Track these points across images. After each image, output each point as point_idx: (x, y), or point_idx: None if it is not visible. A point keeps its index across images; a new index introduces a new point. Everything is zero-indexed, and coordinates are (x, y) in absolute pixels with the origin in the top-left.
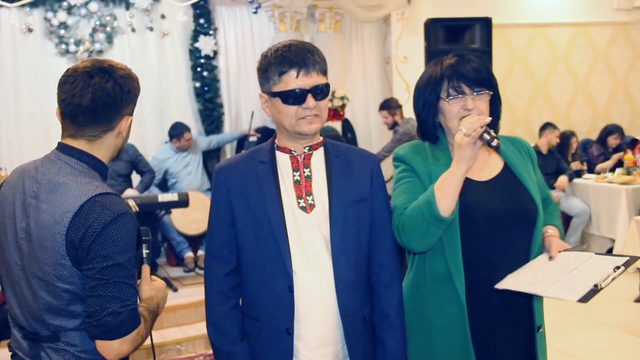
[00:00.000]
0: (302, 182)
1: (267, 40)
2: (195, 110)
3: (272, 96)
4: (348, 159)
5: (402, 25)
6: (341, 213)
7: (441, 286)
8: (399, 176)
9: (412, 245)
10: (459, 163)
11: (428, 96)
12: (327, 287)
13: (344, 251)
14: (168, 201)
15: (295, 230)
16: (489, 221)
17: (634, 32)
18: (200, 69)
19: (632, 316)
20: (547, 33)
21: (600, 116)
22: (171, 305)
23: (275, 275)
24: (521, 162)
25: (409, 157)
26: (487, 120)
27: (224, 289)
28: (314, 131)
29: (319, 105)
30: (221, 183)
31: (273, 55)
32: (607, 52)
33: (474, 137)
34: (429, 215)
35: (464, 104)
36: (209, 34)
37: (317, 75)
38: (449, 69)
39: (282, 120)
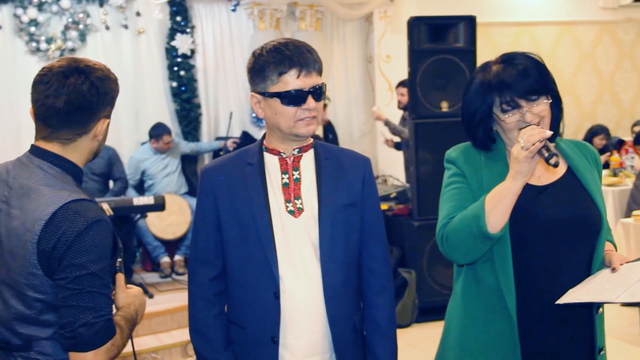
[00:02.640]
0: (290, 185)
1: (246, 38)
2: (172, 110)
3: (268, 97)
4: (339, 162)
5: (385, 24)
6: (330, 217)
7: (490, 299)
8: (448, 180)
9: (456, 258)
10: (514, 178)
11: (479, 107)
12: (315, 294)
13: (333, 257)
14: (143, 205)
15: (283, 234)
16: (544, 230)
17: (620, 31)
18: (177, 68)
19: (619, 320)
20: (532, 32)
21: (586, 116)
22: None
23: (261, 281)
24: (586, 167)
25: (461, 161)
26: (547, 134)
27: (208, 295)
28: (311, 133)
29: (317, 106)
30: (207, 184)
31: (270, 54)
32: (592, 51)
33: (532, 152)
34: (477, 231)
35: (522, 117)
36: (186, 32)
37: (316, 76)
38: (497, 79)
39: (278, 121)
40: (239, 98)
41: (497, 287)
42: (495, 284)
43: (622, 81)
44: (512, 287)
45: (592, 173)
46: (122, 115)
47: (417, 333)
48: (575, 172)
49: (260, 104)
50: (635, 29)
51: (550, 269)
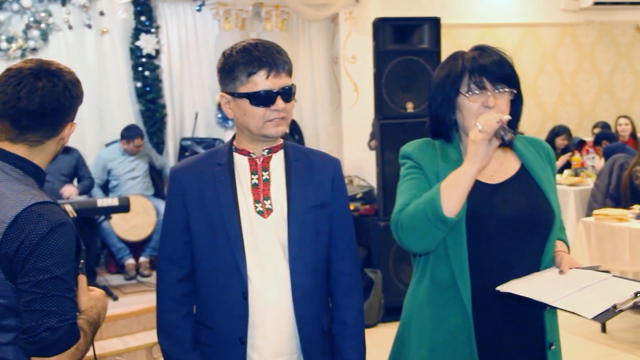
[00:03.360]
0: (260, 186)
1: (211, 39)
2: (137, 111)
3: (237, 97)
4: (309, 163)
5: (351, 25)
6: (299, 218)
7: (445, 295)
8: (404, 172)
9: (410, 245)
10: (471, 161)
11: (448, 91)
12: (283, 295)
13: (301, 257)
14: (108, 206)
15: (252, 235)
16: (498, 225)
17: (581, 33)
18: (141, 69)
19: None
20: (496, 33)
21: (548, 117)
22: (111, 314)
23: (229, 281)
24: (539, 164)
25: (417, 155)
26: (505, 117)
27: (177, 295)
28: (280, 134)
29: (286, 107)
30: (177, 184)
31: (240, 54)
32: (554, 53)
33: (489, 133)
34: (432, 214)
35: (485, 100)
36: (151, 32)
37: (286, 77)
38: (472, 62)
39: (247, 122)
40: (205, 99)
41: (453, 282)
42: (450, 280)
43: (582, 82)
44: (467, 282)
45: (546, 170)
46: (86, 116)
47: (383, 333)
48: (528, 169)
49: (230, 104)
50: (595, 31)
51: (504, 265)
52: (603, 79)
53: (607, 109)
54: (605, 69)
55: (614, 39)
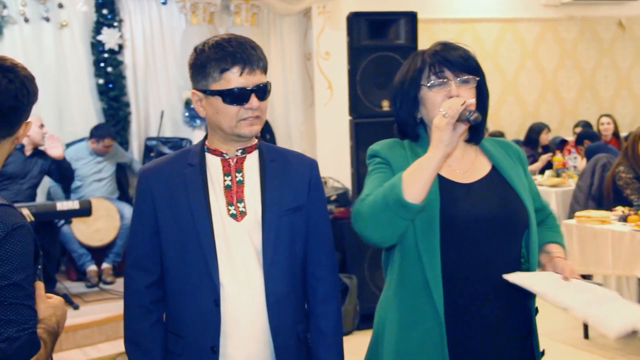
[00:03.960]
0: (233, 188)
1: (177, 34)
2: (99, 109)
3: (209, 94)
4: (284, 164)
5: (324, 20)
6: (275, 221)
7: (416, 299)
8: (370, 169)
9: (369, 234)
10: (436, 147)
11: (408, 89)
12: (257, 302)
13: (276, 263)
14: (68, 210)
15: (224, 239)
16: (472, 227)
17: (562, 28)
18: (103, 65)
19: (562, 324)
20: (475, 29)
21: (529, 115)
22: (71, 324)
23: (200, 287)
24: (510, 165)
25: (385, 152)
26: (470, 101)
27: (145, 302)
28: (254, 133)
29: (261, 106)
30: (145, 186)
31: (212, 50)
32: (535, 49)
33: (453, 117)
34: (392, 200)
35: (448, 91)
36: (113, 26)
37: (260, 74)
38: (432, 56)
39: (220, 121)
40: (171, 96)
41: (425, 286)
42: (423, 283)
43: (564, 80)
44: (439, 286)
45: (517, 170)
46: (45, 114)
47: (358, 340)
48: (499, 170)
49: (202, 102)
50: (577, 27)
51: (477, 267)
52: (585, 76)
53: (589, 108)
54: (587, 66)
55: (596, 35)
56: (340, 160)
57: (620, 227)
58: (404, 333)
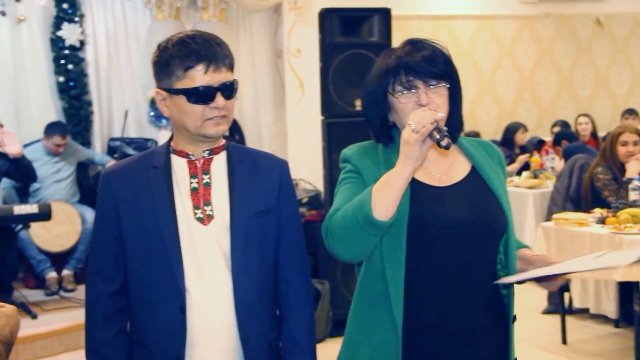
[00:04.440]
0: (200, 190)
1: (142, 30)
2: (59, 108)
3: (173, 93)
4: (253, 165)
5: (295, 16)
6: (243, 225)
7: (378, 308)
8: (341, 177)
9: (340, 252)
10: (404, 163)
11: (373, 91)
12: (226, 308)
13: (245, 268)
14: (26, 214)
15: (191, 244)
16: (443, 233)
17: (539, 26)
18: (64, 62)
19: (540, 329)
20: (450, 26)
21: (506, 115)
22: (29, 334)
23: (165, 295)
24: (491, 167)
25: (357, 159)
26: (439, 116)
27: (108, 311)
28: (220, 133)
29: (227, 105)
30: (108, 189)
31: (176, 47)
32: (512, 47)
33: (422, 134)
34: (362, 218)
35: (417, 99)
36: (74, 21)
37: (226, 72)
38: (397, 60)
39: (184, 121)
40: (135, 95)
41: (386, 295)
42: (384, 292)
43: (541, 79)
44: (400, 294)
45: (497, 173)
46: (1, 114)
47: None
48: (479, 171)
49: (166, 101)
50: (554, 25)
51: (448, 277)
52: (562, 75)
53: (567, 107)
54: (564, 64)
55: (574, 32)
56: (312, 162)
57: (598, 230)
58: (357, 345)
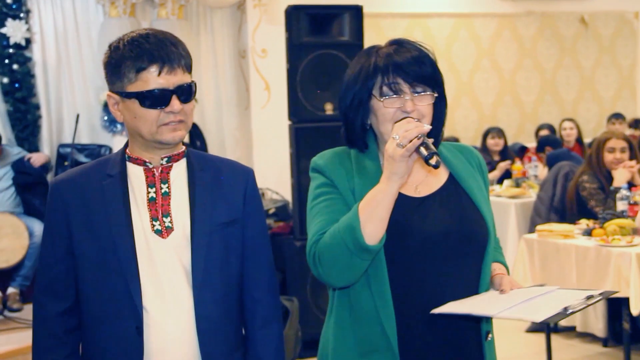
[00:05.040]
0: (158, 201)
1: (94, 27)
2: (3, 112)
3: (125, 97)
4: (215, 173)
5: (260, 13)
6: (205, 238)
7: (367, 328)
8: (315, 192)
9: (332, 280)
10: (389, 179)
11: (358, 91)
12: (187, 328)
13: (208, 284)
14: None
15: (148, 258)
16: (423, 246)
17: (521, 25)
18: (8, 61)
19: (524, 347)
20: (426, 25)
21: (486, 120)
22: None
23: (121, 313)
24: (470, 174)
25: (329, 169)
26: (426, 129)
27: (57, 332)
28: (177, 140)
29: (185, 108)
30: (57, 200)
31: (127, 47)
32: (491, 47)
33: (408, 150)
34: (352, 244)
35: (402, 105)
36: (19, 17)
37: (183, 73)
38: (385, 59)
39: (138, 126)
40: (87, 98)
41: (375, 313)
42: (372, 310)
43: (523, 81)
44: (391, 313)
45: (477, 180)
46: None
47: None
48: (458, 179)
49: (118, 105)
50: (537, 23)
51: (433, 290)
52: (545, 77)
53: (551, 111)
54: (547, 65)
55: (557, 32)
56: (279, 170)
57: (584, 242)
58: None
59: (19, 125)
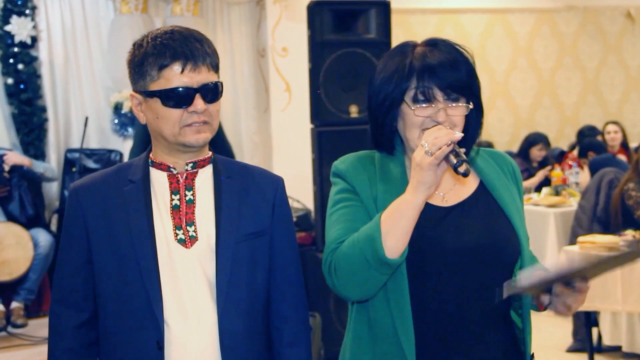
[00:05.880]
0: (182, 208)
1: (104, 24)
2: (8, 114)
3: (148, 96)
4: (244, 181)
5: (280, 9)
6: (231, 249)
7: (385, 345)
8: (335, 198)
9: (348, 293)
10: (416, 190)
11: (391, 92)
12: (210, 343)
13: (232, 297)
14: None
15: (170, 269)
16: (449, 259)
17: (561, 21)
18: (13, 61)
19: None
20: (458, 21)
21: (523, 123)
22: None
23: (141, 327)
24: (502, 182)
25: (351, 174)
26: (457, 137)
27: (74, 346)
28: (202, 142)
29: (209, 109)
30: (76, 206)
31: (151, 44)
32: (529, 45)
33: (437, 158)
34: (372, 256)
35: (433, 114)
36: (25, 14)
37: (208, 72)
38: (421, 60)
39: (160, 127)
40: (97, 99)
41: (393, 330)
42: (390, 327)
43: (563, 81)
44: (410, 330)
45: (510, 189)
46: None
47: None
48: (488, 187)
49: (141, 106)
50: (578, 19)
51: (457, 306)
52: (588, 77)
53: (593, 114)
54: (590, 64)
55: (601, 28)
56: (300, 176)
57: None
58: None
59: (24, 128)
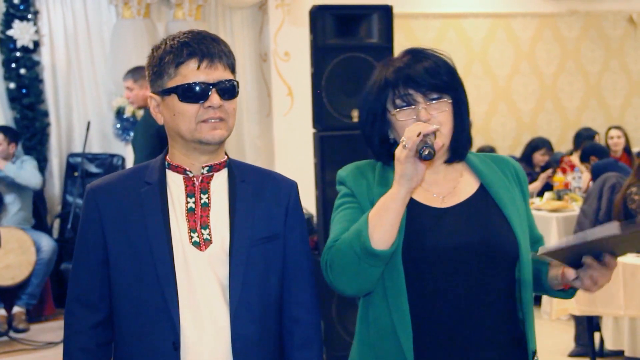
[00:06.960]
0: (197, 211)
1: (107, 29)
2: (10, 119)
3: (165, 94)
4: (258, 185)
5: (283, 14)
6: (244, 252)
7: (384, 343)
8: (337, 203)
9: (342, 287)
10: (398, 183)
11: (372, 105)
12: (222, 347)
13: (246, 301)
14: None
15: (185, 271)
16: (441, 259)
17: (563, 25)
18: (15, 65)
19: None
20: (460, 26)
21: (525, 128)
22: None
23: (157, 328)
24: (503, 185)
25: (350, 179)
26: (431, 128)
27: (90, 346)
28: (218, 139)
29: (225, 106)
30: (93, 207)
31: (168, 45)
32: (531, 49)
33: (411, 149)
34: (360, 249)
35: (417, 115)
36: (27, 18)
37: (224, 70)
38: (395, 73)
39: (177, 124)
40: (99, 104)
41: (392, 328)
42: (389, 325)
43: (566, 86)
44: (408, 327)
45: (511, 191)
46: None
47: None
48: (488, 189)
49: (159, 107)
50: (580, 24)
51: (453, 306)
52: (590, 82)
53: (596, 118)
54: (592, 69)
55: (603, 32)
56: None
57: (633, 260)
58: None
59: (27, 133)
